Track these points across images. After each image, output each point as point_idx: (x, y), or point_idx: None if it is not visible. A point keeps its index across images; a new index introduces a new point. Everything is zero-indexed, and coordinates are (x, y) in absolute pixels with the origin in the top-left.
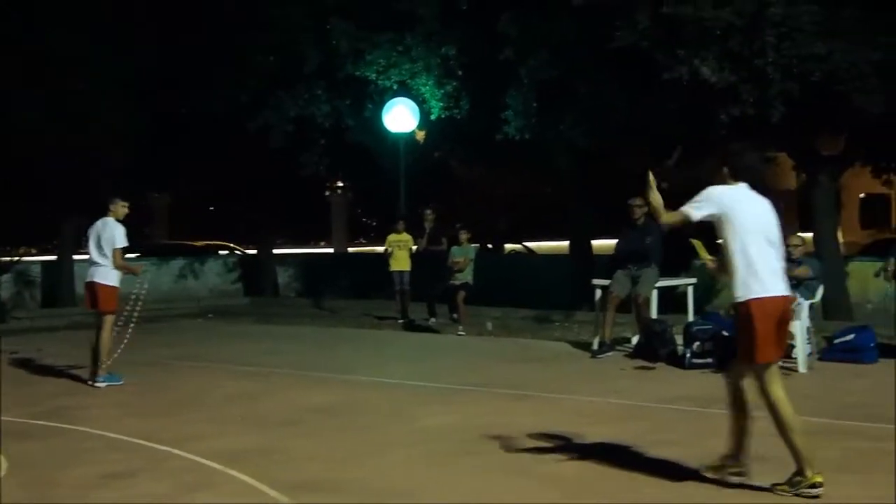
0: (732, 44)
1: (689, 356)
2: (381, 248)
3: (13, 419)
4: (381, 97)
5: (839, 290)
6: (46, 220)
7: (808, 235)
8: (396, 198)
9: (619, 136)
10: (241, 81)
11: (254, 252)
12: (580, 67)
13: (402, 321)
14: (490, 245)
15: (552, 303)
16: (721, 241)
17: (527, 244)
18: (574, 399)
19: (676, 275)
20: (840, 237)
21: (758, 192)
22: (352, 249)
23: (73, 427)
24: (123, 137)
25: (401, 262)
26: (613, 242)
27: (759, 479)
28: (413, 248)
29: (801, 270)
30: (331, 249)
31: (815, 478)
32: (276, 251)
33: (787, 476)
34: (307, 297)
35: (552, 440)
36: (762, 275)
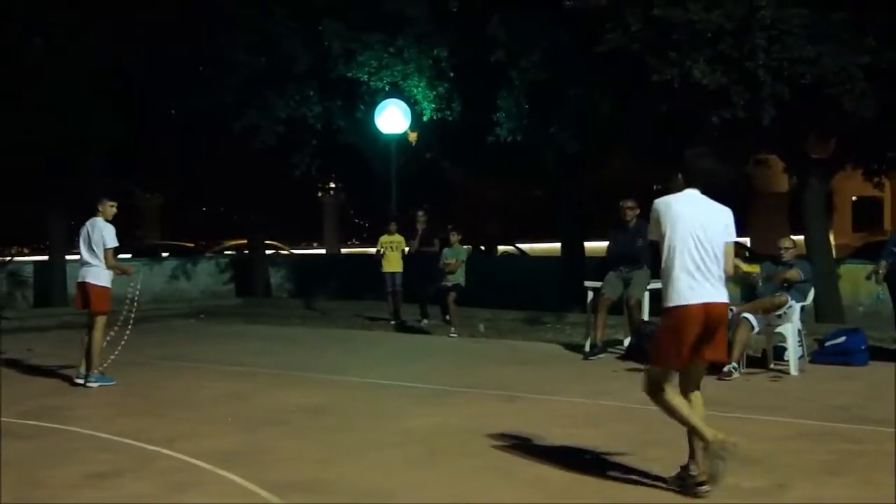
0: (723, 46)
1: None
2: (374, 250)
3: (2, 419)
4: (373, 98)
5: (831, 293)
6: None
7: (800, 238)
8: (388, 199)
9: (609, 140)
10: (223, 81)
11: (302, 252)
12: (570, 70)
13: (394, 322)
14: (483, 247)
15: (544, 304)
16: None
17: (519, 246)
18: (565, 401)
19: None
20: (832, 240)
21: (715, 196)
22: (344, 250)
23: (63, 427)
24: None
25: (393, 264)
26: (605, 244)
27: (749, 482)
28: (405, 250)
29: (793, 273)
30: (323, 250)
31: (701, 476)
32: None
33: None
34: (299, 298)
35: (542, 442)
36: (678, 284)
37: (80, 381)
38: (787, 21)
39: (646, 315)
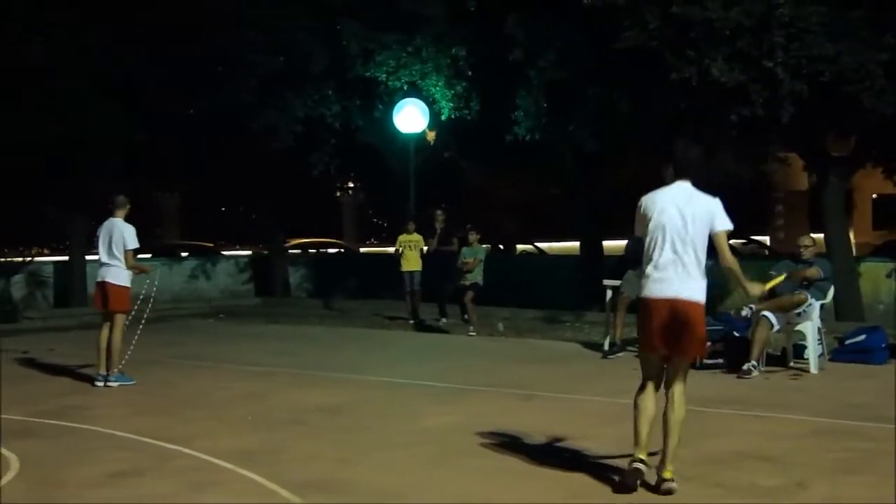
0: (742, 44)
1: (700, 357)
2: (392, 249)
3: (23, 418)
4: (391, 98)
5: (851, 291)
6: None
7: (820, 236)
8: (406, 198)
9: (627, 138)
10: (241, 81)
11: (366, 250)
12: (588, 69)
13: (413, 322)
14: (501, 246)
15: (562, 303)
16: None
17: (538, 245)
18: (584, 399)
19: None
20: (852, 238)
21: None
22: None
23: (82, 426)
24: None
25: (411, 263)
26: (623, 243)
27: (767, 480)
28: (424, 249)
29: (813, 271)
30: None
31: (666, 473)
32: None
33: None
34: (318, 298)
35: (559, 441)
36: (646, 278)
37: (101, 383)
38: (806, 19)
39: None
